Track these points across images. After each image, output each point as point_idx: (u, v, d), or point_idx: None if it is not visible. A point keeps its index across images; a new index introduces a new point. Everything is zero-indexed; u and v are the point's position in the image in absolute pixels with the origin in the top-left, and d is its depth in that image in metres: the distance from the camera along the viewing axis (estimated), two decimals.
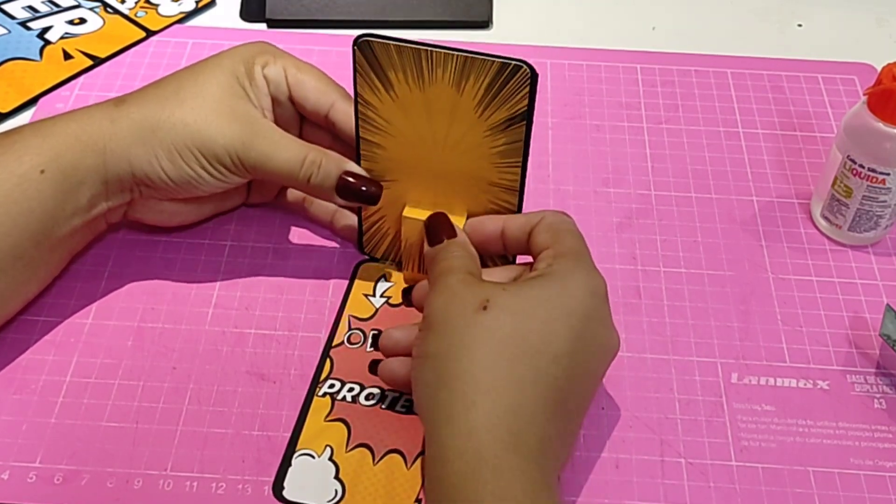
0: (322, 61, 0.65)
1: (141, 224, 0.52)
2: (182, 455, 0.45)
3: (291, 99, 0.50)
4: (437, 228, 0.47)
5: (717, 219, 0.56)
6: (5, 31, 0.67)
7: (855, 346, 0.51)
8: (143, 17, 0.68)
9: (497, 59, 0.44)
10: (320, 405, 0.47)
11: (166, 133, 0.46)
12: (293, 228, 0.55)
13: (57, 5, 0.69)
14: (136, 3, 0.69)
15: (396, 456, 0.45)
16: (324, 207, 0.54)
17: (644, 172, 0.59)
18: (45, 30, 0.67)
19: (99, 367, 0.48)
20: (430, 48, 0.44)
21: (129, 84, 0.63)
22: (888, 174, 0.51)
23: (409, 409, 0.47)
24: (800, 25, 0.70)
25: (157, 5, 0.69)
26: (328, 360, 0.49)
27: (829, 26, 0.70)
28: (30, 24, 0.67)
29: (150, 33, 0.67)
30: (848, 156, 0.52)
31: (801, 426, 0.47)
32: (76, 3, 0.69)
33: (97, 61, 0.65)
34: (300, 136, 0.52)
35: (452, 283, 0.43)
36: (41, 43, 0.66)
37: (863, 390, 0.49)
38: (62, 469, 0.45)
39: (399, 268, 0.53)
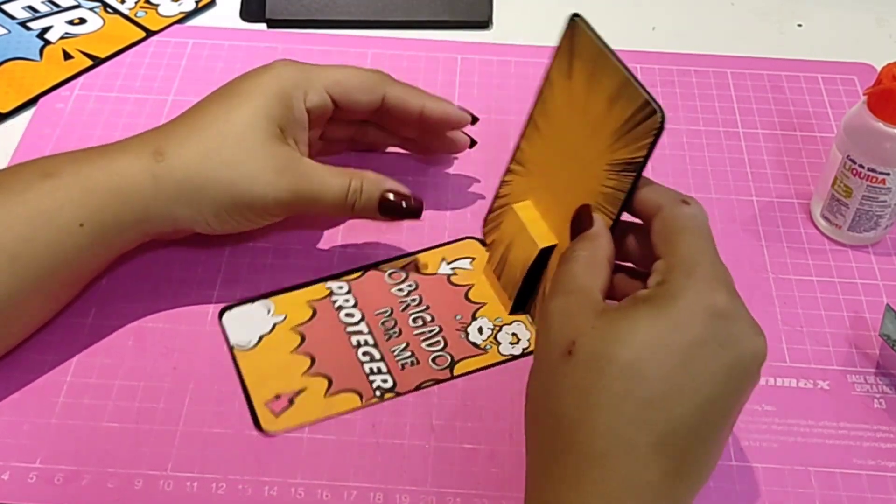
0: (322, 61, 0.65)
1: None
2: (182, 455, 0.45)
3: (336, 105, 0.51)
4: (578, 220, 0.43)
5: (717, 219, 0.56)
6: (5, 31, 0.67)
7: (855, 346, 0.51)
8: (143, 17, 0.68)
9: (644, 94, 0.41)
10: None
11: (213, 194, 0.46)
12: (293, 229, 0.55)
13: (57, 5, 0.69)
14: (136, 3, 0.69)
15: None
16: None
17: (644, 172, 0.59)
18: (45, 30, 0.67)
19: (99, 367, 0.48)
20: (606, 51, 0.42)
21: (128, 84, 0.63)
22: (888, 174, 0.51)
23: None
24: (800, 25, 0.70)
25: (157, 5, 0.69)
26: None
27: (829, 26, 0.70)
28: (30, 24, 0.67)
29: (150, 33, 0.67)
30: (848, 156, 0.52)
31: (801, 426, 0.47)
32: (76, 3, 0.69)
33: (97, 61, 0.65)
34: (323, 135, 0.54)
35: (551, 309, 0.39)
36: (41, 43, 0.66)
37: (863, 390, 0.49)
38: (62, 469, 0.45)
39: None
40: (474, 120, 0.55)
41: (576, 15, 0.44)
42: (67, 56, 0.65)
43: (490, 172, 0.58)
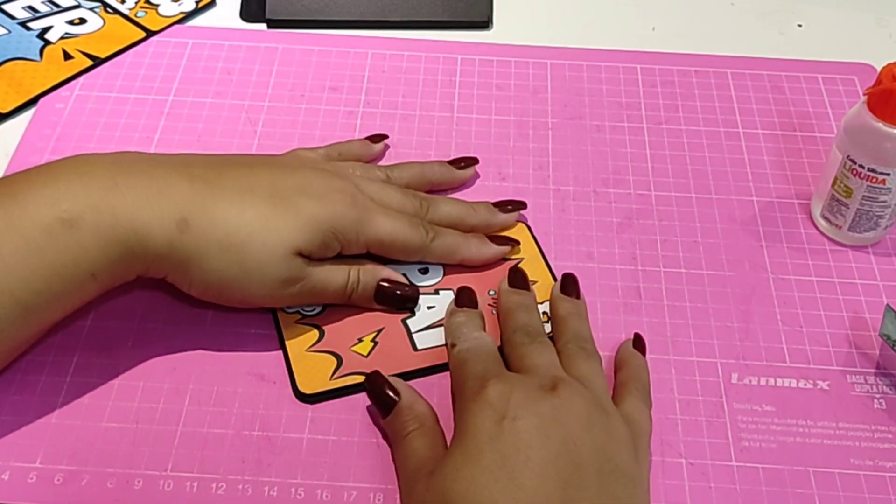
0: (322, 61, 0.65)
1: None
2: (182, 455, 0.45)
3: None
4: (380, 395, 0.46)
5: (717, 219, 0.56)
6: (5, 31, 0.67)
7: (855, 346, 0.51)
8: (143, 17, 0.68)
9: None
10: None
11: (211, 277, 0.45)
12: None
13: (57, 5, 0.69)
14: (136, 3, 0.69)
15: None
16: None
17: (644, 173, 0.59)
18: (45, 30, 0.67)
19: (99, 367, 0.48)
20: None
21: (129, 84, 0.63)
22: (888, 174, 0.51)
23: None
24: (800, 25, 0.70)
25: (157, 5, 0.69)
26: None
27: (829, 26, 0.70)
28: (30, 24, 0.67)
29: (150, 33, 0.67)
30: (848, 156, 0.52)
31: (801, 426, 0.47)
32: (76, 3, 0.69)
33: (97, 61, 0.65)
34: None
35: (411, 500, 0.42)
36: (41, 43, 0.66)
37: (863, 390, 0.49)
38: (62, 469, 0.45)
39: None
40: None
41: None
42: (67, 56, 0.65)
43: (489, 173, 0.58)
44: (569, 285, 0.50)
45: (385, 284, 0.50)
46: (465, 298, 0.50)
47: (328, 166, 0.52)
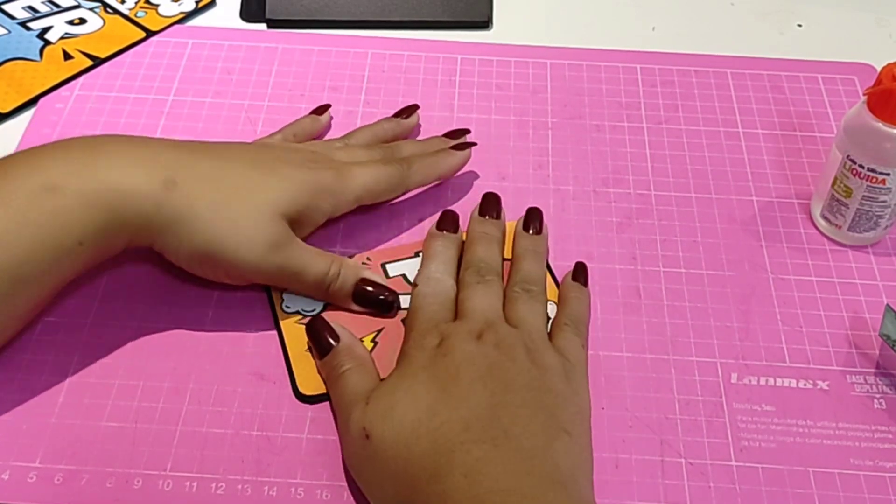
0: (322, 61, 0.65)
1: None
2: (182, 455, 0.45)
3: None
4: (319, 337, 0.48)
5: (717, 219, 0.56)
6: (5, 31, 0.67)
7: (855, 346, 0.51)
8: (143, 17, 0.68)
9: None
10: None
11: (200, 239, 0.45)
12: None
13: (57, 5, 0.69)
14: (136, 3, 0.69)
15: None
16: None
17: (644, 172, 0.59)
18: (45, 30, 0.67)
19: (99, 367, 0.48)
20: None
21: (129, 84, 0.63)
22: (888, 174, 0.51)
23: None
24: (800, 25, 0.70)
25: (157, 5, 0.69)
26: None
27: (829, 26, 0.70)
28: (30, 25, 0.67)
29: (150, 33, 0.67)
30: (848, 156, 0.52)
31: (801, 426, 0.47)
32: (76, 3, 0.69)
33: (97, 61, 0.65)
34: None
35: (350, 431, 0.43)
36: (41, 43, 0.66)
37: (863, 390, 0.49)
38: (62, 469, 0.45)
39: None
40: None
41: None
42: (67, 56, 0.65)
43: (489, 172, 0.58)
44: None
45: (367, 287, 0.50)
46: (447, 222, 0.52)
47: (294, 145, 0.55)
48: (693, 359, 0.50)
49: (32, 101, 0.62)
